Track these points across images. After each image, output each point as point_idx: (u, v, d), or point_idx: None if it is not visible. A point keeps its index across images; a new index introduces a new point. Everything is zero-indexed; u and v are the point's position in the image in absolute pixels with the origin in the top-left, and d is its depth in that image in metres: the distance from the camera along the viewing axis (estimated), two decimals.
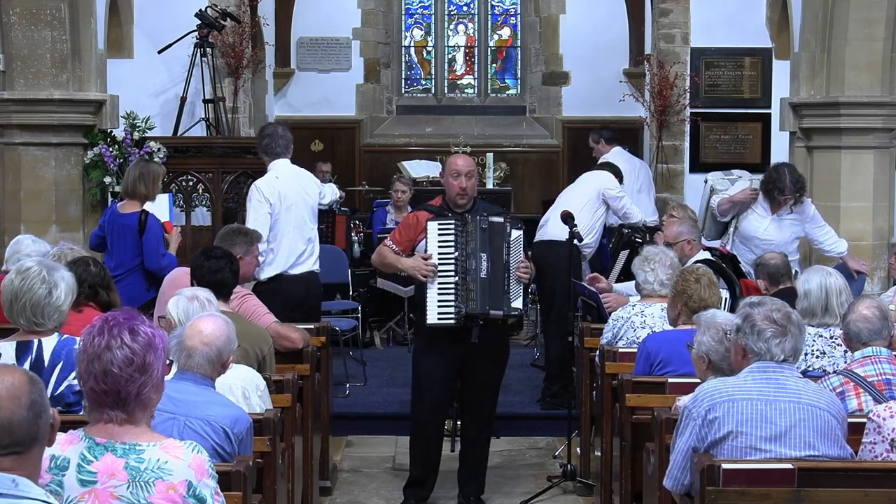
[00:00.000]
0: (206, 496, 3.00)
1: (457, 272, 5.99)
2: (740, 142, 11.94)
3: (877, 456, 3.98)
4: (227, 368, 4.21)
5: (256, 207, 7.01)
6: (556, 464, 7.04)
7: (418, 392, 6.31)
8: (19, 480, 2.52)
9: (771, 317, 4.07)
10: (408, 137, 14.84)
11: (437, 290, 6.00)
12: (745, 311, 4.16)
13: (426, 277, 6.00)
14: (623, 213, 8.41)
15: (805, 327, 4.16)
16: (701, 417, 3.99)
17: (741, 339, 4.12)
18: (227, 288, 5.33)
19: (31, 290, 4.36)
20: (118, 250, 7.24)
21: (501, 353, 6.33)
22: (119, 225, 7.25)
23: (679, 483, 4.05)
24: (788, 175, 8.03)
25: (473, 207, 6.23)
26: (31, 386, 2.62)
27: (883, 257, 8.83)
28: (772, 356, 4.03)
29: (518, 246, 6.10)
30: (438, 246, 6.03)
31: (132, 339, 3.03)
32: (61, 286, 4.41)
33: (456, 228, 6.03)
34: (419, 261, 6.05)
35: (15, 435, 2.56)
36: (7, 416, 2.56)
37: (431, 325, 6.01)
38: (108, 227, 7.32)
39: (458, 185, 6.14)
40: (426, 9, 15.64)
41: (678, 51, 11.80)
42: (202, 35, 9.77)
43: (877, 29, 8.80)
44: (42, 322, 4.37)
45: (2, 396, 2.56)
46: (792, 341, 4.05)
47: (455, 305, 5.96)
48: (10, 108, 8.69)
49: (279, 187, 7.07)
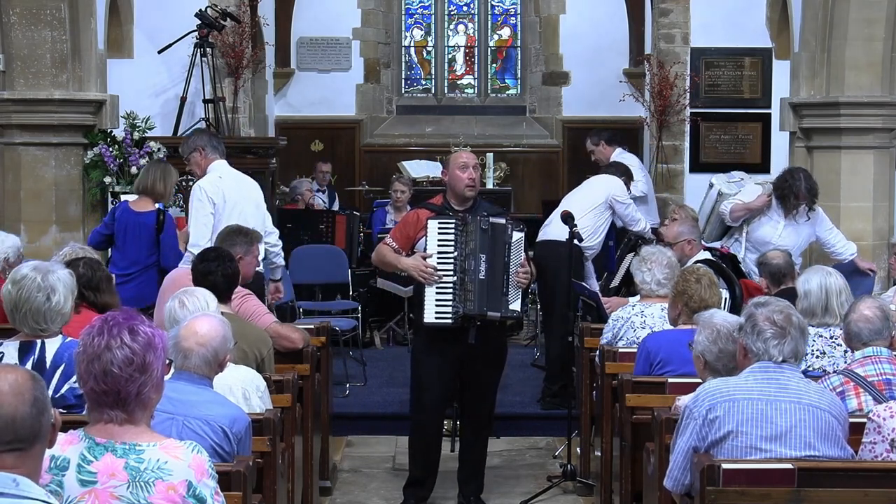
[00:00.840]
0: (206, 496, 3.00)
1: (456, 272, 5.97)
2: (740, 142, 11.94)
3: (877, 456, 3.98)
4: (225, 367, 4.20)
5: (199, 208, 6.85)
6: (556, 464, 7.04)
7: (417, 392, 6.30)
8: (20, 480, 2.52)
9: (772, 318, 4.07)
10: (408, 137, 14.84)
11: (435, 290, 5.98)
12: (750, 310, 4.17)
13: (425, 279, 5.99)
14: (628, 219, 8.36)
15: (808, 330, 4.15)
16: (702, 417, 3.99)
17: (742, 339, 4.13)
18: (224, 288, 5.31)
19: (29, 300, 4.35)
20: (132, 248, 7.28)
21: (499, 354, 6.31)
22: (134, 223, 7.29)
23: (679, 483, 4.05)
24: (804, 181, 8.01)
25: (474, 206, 6.22)
26: (33, 383, 2.62)
27: (883, 257, 8.83)
28: (770, 357, 4.03)
29: (519, 248, 6.09)
30: (438, 244, 6.01)
31: (132, 338, 3.03)
32: (59, 289, 4.40)
33: (456, 227, 6.01)
34: (419, 261, 6.02)
35: (18, 431, 2.56)
36: (10, 412, 2.56)
37: (429, 324, 6.00)
38: (120, 225, 7.32)
39: (466, 177, 6.11)
40: (426, 9, 15.63)
41: (678, 51, 11.80)
42: (202, 35, 9.77)
43: (877, 29, 8.81)
44: (46, 327, 4.38)
45: (5, 392, 2.57)
46: (791, 343, 4.05)
47: (453, 305, 5.95)
48: (10, 108, 8.69)
49: (223, 187, 6.94)
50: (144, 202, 7.36)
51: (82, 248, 6.08)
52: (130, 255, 7.27)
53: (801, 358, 4.11)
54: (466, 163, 6.14)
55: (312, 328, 6.43)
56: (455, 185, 6.18)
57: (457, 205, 6.18)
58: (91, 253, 6.14)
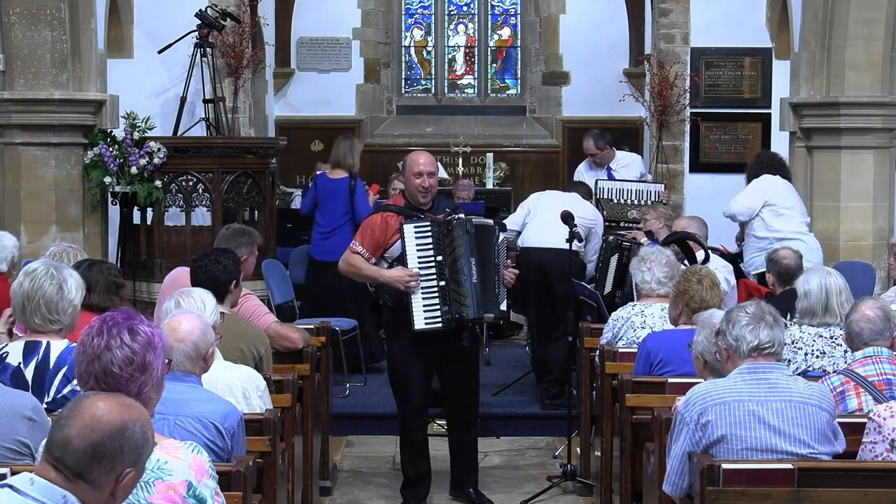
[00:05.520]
0: (206, 496, 3.00)
1: (441, 276, 5.95)
2: (740, 142, 11.94)
3: (877, 456, 3.98)
4: (212, 363, 4.18)
5: None
6: (556, 464, 7.04)
7: (402, 395, 6.28)
8: (69, 498, 2.52)
9: (745, 309, 4.17)
10: (408, 137, 14.83)
11: (421, 296, 5.94)
12: (725, 314, 4.26)
13: (409, 289, 5.94)
14: (591, 252, 8.28)
15: (782, 322, 4.20)
16: (693, 422, 4.00)
17: (721, 342, 4.17)
18: (223, 288, 5.28)
19: (42, 289, 4.35)
20: (330, 210, 8.84)
21: (473, 343, 6.19)
22: (331, 189, 8.86)
23: (678, 488, 4.06)
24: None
25: (435, 204, 6.16)
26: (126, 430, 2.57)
27: (883, 257, 8.82)
28: (746, 343, 4.05)
29: (504, 247, 6.14)
30: (417, 249, 5.96)
31: (132, 338, 3.03)
32: (70, 282, 4.42)
33: (432, 230, 5.98)
34: (402, 273, 5.95)
35: (67, 458, 2.53)
36: (93, 440, 2.53)
37: (419, 330, 5.95)
38: (321, 191, 8.93)
39: (419, 184, 6.04)
40: (426, 9, 15.63)
41: (678, 51, 11.80)
42: (202, 35, 9.76)
43: (877, 29, 8.80)
44: (57, 318, 4.36)
45: (95, 417, 2.54)
46: (766, 329, 4.08)
47: (444, 310, 5.94)
48: (10, 108, 8.68)
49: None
50: (337, 171, 8.90)
51: (70, 246, 6.09)
52: (328, 216, 8.83)
53: (779, 346, 4.11)
54: (421, 171, 6.05)
55: (312, 328, 6.43)
56: (409, 189, 6.14)
57: (416, 204, 6.12)
58: (82, 253, 6.14)
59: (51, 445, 2.53)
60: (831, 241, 8.96)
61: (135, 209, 8.97)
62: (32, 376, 4.23)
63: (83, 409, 2.54)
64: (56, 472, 2.51)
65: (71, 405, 2.59)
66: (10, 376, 4.20)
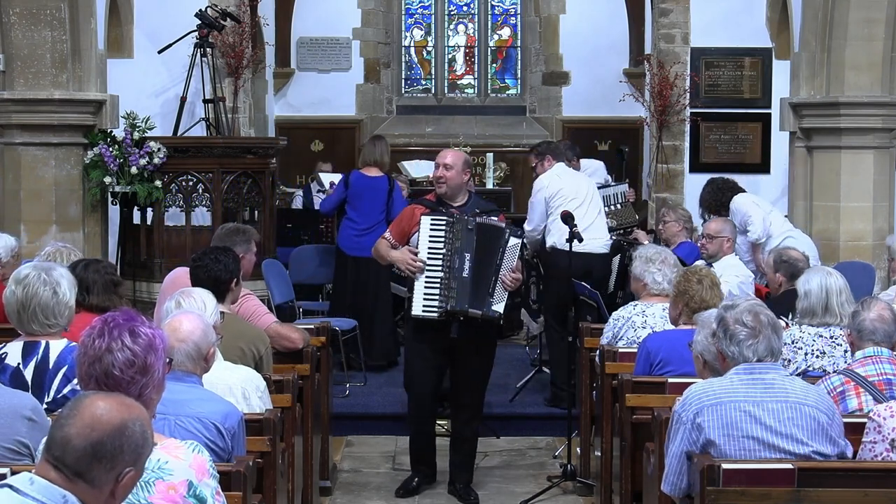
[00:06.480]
0: (206, 496, 3.00)
1: (443, 268, 6.16)
2: (740, 142, 11.94)
3: (877, 456, 3.98)
4: (212, 363, 4.19)
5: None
6: (556, 464, 7.04)
7: (409, 373, 6.50)
8: (69, 497, 2.52)
9: (741, 319, 4.07)
10: (408, 137, 14.83)
11: (423, 283, 6.18)
12: (720, 314, 4.19)
13: (412, 273, 6.17)
14: None
15: (780, 325, 4.17)
16: (690, 422, 3.99)
17: (717, 344, 4.16)
18: (220, 287, 5.27)
19: (36, 295, 4.35)
20: (367, 207, 8.91)
21: (487, 346, 6.46)
22: (368, 186, 8.95)
23: (677, 488, 4.05)
24: None
25: (468, 204, 6.37)
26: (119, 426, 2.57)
27: (883, 257, 8.83)
28: (745, 359, 4.04)
29: (514, 253, 6.21)
30: (429, 240, 6.21)
31: (133, 340, 3.03)
32: (63, 283, 4.41)
33: (447, 224, 6.19)
34: (406, 254, 6.23)
35: (67, 458, 2.54)
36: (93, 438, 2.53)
37: (416, 316, 6.20)
38: (356, 189, 8.94)
39: (433, 175, 6.49)
40: (426, 9, 15.64)
41: (678, 51, 11.79)
42: (202, 35, 9.76)
43: (877, 29, 8.81)
44: (55, 322, 4.36)
45: (95, 416, 2.54)
46: (765, 342, 4.05)
47: (438, 300, 6.14)
48: (10, 108, 8.68)
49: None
50: (372, 169, 9.02)
51: (65, 246, 6.09)
52: (366, 213, 8.87)
53: (777, 354, 4.10)
54: (437, 163, 6.41)
55: (312, 328, 6.43)
56: None
57: (449, 201, 6.37)
58: (77, 252, 6.14)
59: (51, 445, 2.54)
60: (831, 241, 8.97)
61: (135, 209, 8.97)
62: (32, 376, 4.23)
63: (83, 408, 2.54)
64: (56, 472, 2.51)
65: (71, 404, 2.59)
66: (9, 377, 4.20)
